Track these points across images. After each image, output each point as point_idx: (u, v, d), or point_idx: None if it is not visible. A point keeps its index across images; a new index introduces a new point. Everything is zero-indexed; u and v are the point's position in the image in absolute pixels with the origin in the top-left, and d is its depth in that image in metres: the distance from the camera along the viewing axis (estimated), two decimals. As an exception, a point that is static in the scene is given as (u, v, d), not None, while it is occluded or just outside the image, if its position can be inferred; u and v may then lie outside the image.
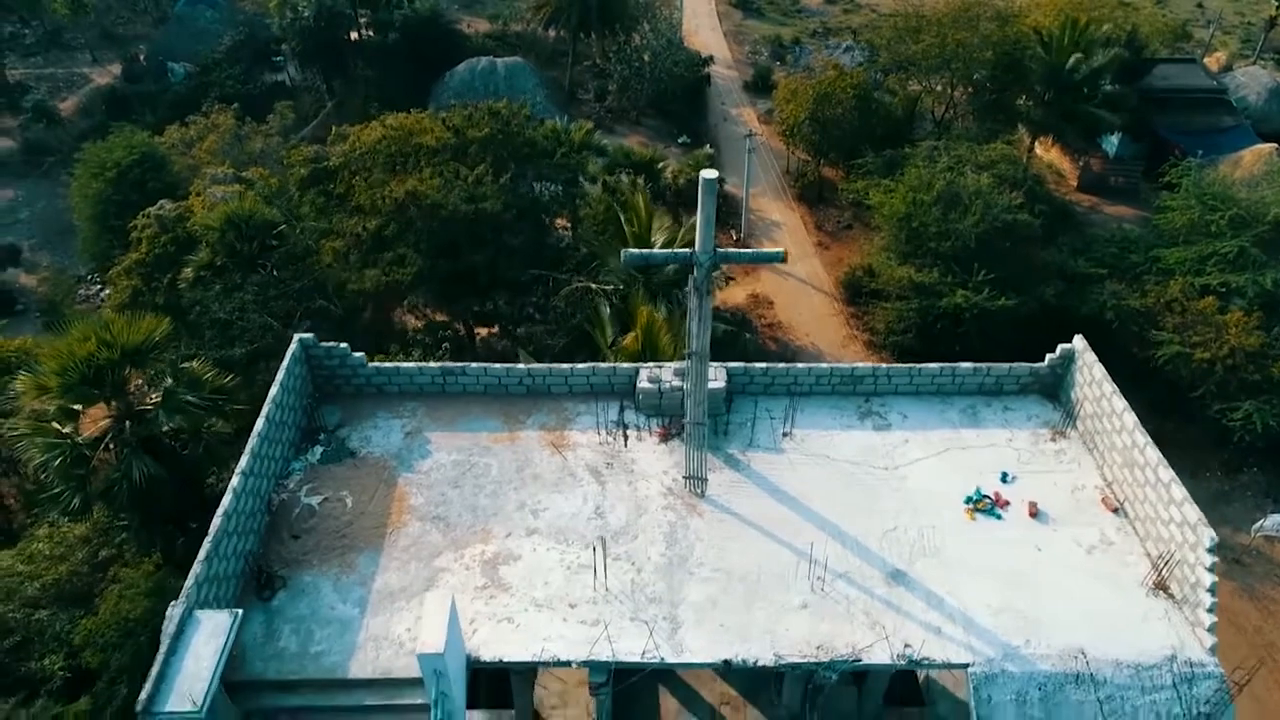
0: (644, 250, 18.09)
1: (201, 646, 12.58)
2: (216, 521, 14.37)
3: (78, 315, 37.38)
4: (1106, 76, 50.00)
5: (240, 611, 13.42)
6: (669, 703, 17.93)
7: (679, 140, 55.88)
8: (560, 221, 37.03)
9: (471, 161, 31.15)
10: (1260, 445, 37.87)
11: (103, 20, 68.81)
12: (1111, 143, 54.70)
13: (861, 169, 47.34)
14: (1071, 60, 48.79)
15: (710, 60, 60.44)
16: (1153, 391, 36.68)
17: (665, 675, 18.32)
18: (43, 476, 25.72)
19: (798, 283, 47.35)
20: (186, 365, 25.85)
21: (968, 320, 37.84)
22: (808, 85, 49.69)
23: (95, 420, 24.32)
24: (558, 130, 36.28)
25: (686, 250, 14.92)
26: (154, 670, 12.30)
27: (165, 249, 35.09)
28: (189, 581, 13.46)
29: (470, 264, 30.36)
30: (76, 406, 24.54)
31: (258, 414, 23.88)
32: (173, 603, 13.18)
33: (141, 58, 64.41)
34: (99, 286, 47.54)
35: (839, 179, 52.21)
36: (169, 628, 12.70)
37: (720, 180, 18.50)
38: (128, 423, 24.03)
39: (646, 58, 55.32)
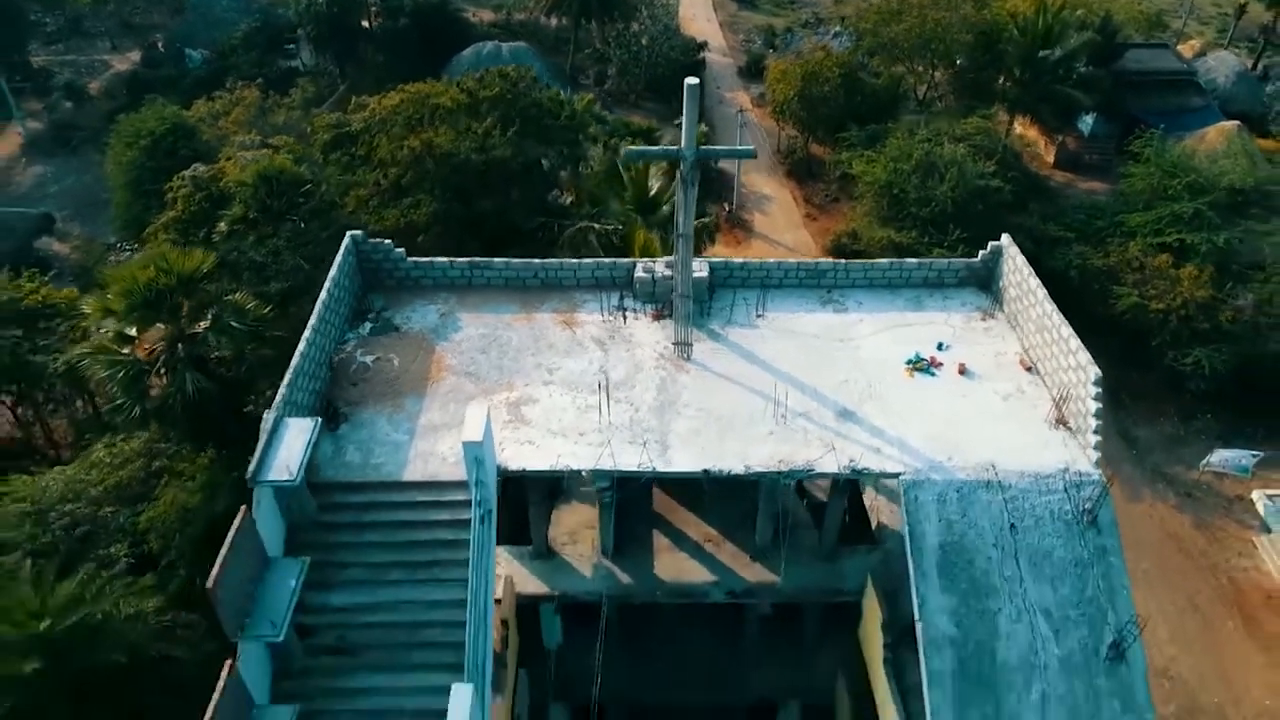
0: (642, 148, 22.09)
1: (292, 440, 16.46)
2: (294, 361, 18.28)
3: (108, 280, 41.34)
4: (1080, 59, 54.16)
5: (320, 419, 17.31)
6: (661, 541, 21.77)
7: (675, 122, 59.95)
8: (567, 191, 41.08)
9: (482, 118, 35.17)
10: (1211, 392, 41.98)
11: (121, 10, 73.11)
12: (1086, 122, 58.84)
13: (847, 143, 51.47)
14: (1045, 43, 52.82)
15: (705, 46, 64.69)
16: (1114, 344, 40.69)
17: (657, 520, 22.17)
18: (109, 389, 29.77)
19: (786, 251, 51.31)
20: (230, 296, 29.91)
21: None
22: (796, 65, 53.84)
23: (146, 346, 28.34)
24: (561, 98, 40.36)
25: (675, 147, 18.91)
26: (256, 455, 16.16)
27: (200, 206, 38.93)
28: (277, 399, 17.33)
29: (480, 210, 34.28)
30: (132, 332, 28.60)
31: (295, 343, 28.28)
32: (266, 412, 17.04)
33: (160, 44, 68.55)
34: (128, 253, 51.39)
35: (826, 155, 56.35)
36: (266, 429, 16.56)
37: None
38: (179, 345, 27.98)
39: (645, 41, 59.51)
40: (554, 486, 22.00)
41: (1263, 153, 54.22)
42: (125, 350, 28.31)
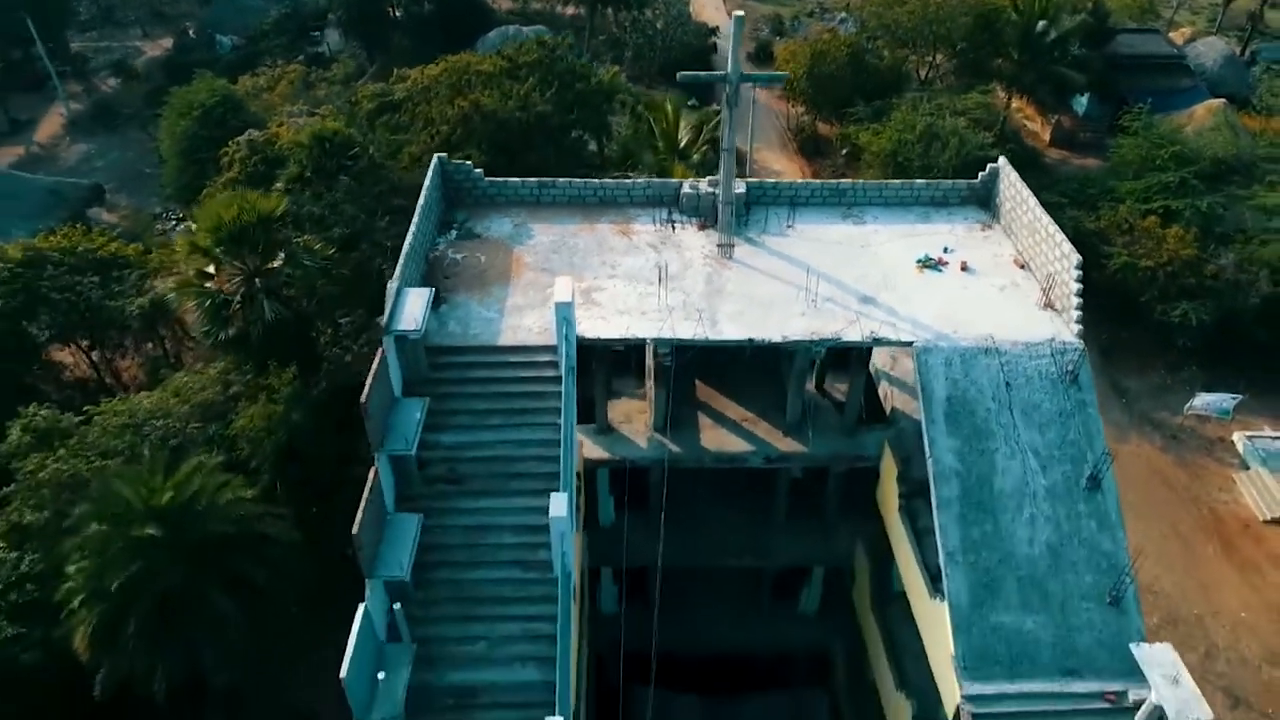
0: (694, 72, 25.95)
1: (413, 303, 20.34)
2: (404, 251, 22.12)
3: (157, 245, 45.19)
4: (1074, 41, 58.39)
5: (434, 289, 21.19)
6: (705, 420, 25.59)
7: (689, 103, 64.01)
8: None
9: (522, 81, 39.16)
10: (1197, 347, 45.93)
11: (152, -1, 77.34)
12: (1081, 102, 63.10)
13: (854, 117, 55.54)
14: (1040, 24, 56.98)
15: (716, 31, 68.79)
16: (1106, 304, 44.69)
17: (700, 405, 26.00)
18: (196, 319, 33.67)
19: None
20: (299, 239, 33.92)
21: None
22: (805, 46, 57.98)
23: (221, 280, 32.29)
24: (589, 68, 44.33)
25: (721, 72, 22.85)
26: (386, 313, 20.03)
27: (256, 167, 42.83)
28: (395, 276, 21.17)
29: (524, 163, 38.14)
30: (211, 270, 32.52)
31: (358, 282, 32.26)
32: (390, 283, 20.88)
33: (191, 31, 72.56)
34: (174, 222, 55.32)
35: (834, 134, 60.41)
36: (391, 296, 20.42)
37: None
38: (257, 279, 31.90)
39: (660, 25, 63.60)
40: (610, 375, 25.76)
41: (1247, 129, 58.37)
42: (209, 284, 32.33)
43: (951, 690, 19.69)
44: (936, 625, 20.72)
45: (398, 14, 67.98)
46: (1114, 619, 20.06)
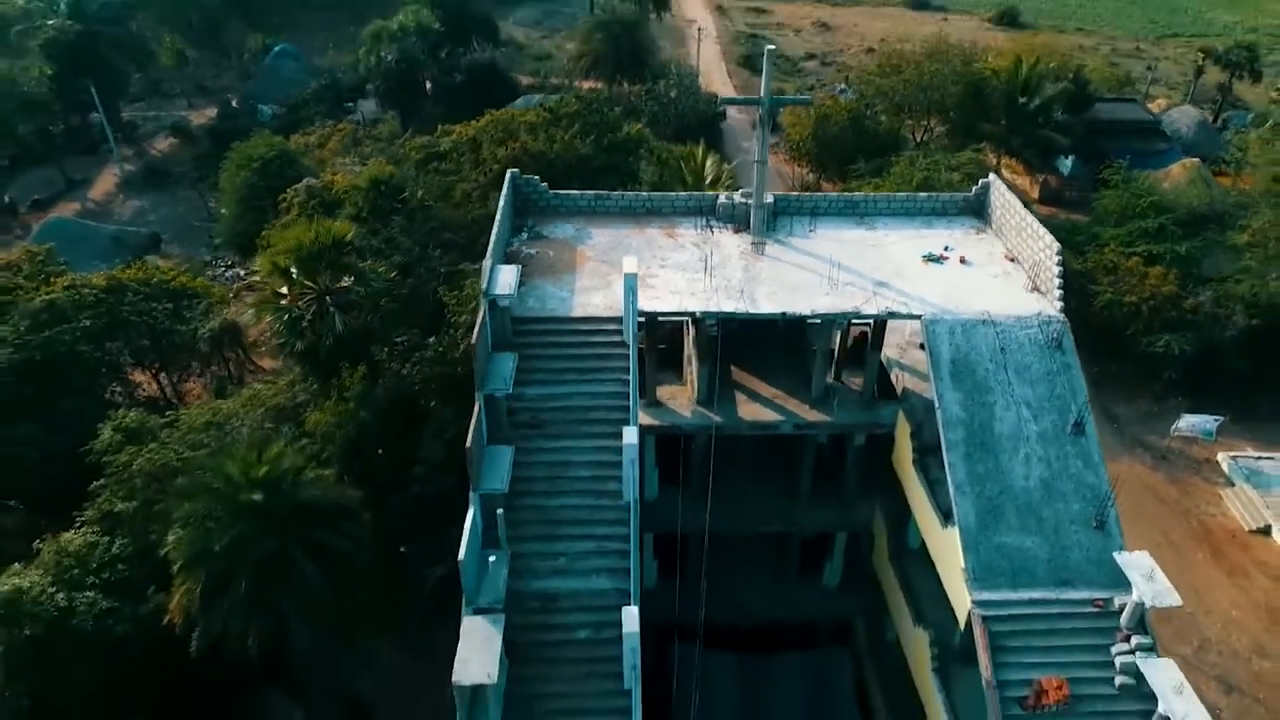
0: (730, 96, 31.04)
1: (505, 275, 24.81)
2: (492, 237, 26.59)
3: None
4: (1056, 108, 64.45)
5: (521, 266, 25.65)
6: (740, 396, 29.74)
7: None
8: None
9: (564, 129, 44.44)
10: (1179, 380, 50.33)
11: (196, 73, 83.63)
12: (1066, 164, 68.93)
13: (855, 173, 61.00)
14: (1024, 92, 63.13)
15: (721, 107, 75.02)
16: (1094, 340, 49.40)
17: (736, 385, 30.17)
18: (274, 330, 37.97)
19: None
20: (364, 263, 38.62)
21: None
22: (810, 112, 63.87)
23: (294, 301, 36.74)
24: (620, 121, 49.79)
25: (756, 97, 27.76)
26: (484, 282, 24.45)
27: (314, 210, 47.79)
28: (488, 256, 25.60)
29: (568, 199, 43.11)
30: (284, 290, 37.07)
31: (414, 301, 36.53)
32: (484, 261, 25.32)
33: (234, 102, 78.73)
34: (223, 268, 60.13)
35: (838, 190, 65.84)
36: (486, 271, 24.85)
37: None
38: (328, 296, 36.43)
39: (674, 94, 69.67)
40: (657, 360, 29.99)
41: (1220, 184, 64.01)
42: (284, 301, 36.86)
43: (963, 600, 23.47)
44: (949, 551, 24.57)
45: (429, 85, 74.19)
46: (1099, 540, 24.00)
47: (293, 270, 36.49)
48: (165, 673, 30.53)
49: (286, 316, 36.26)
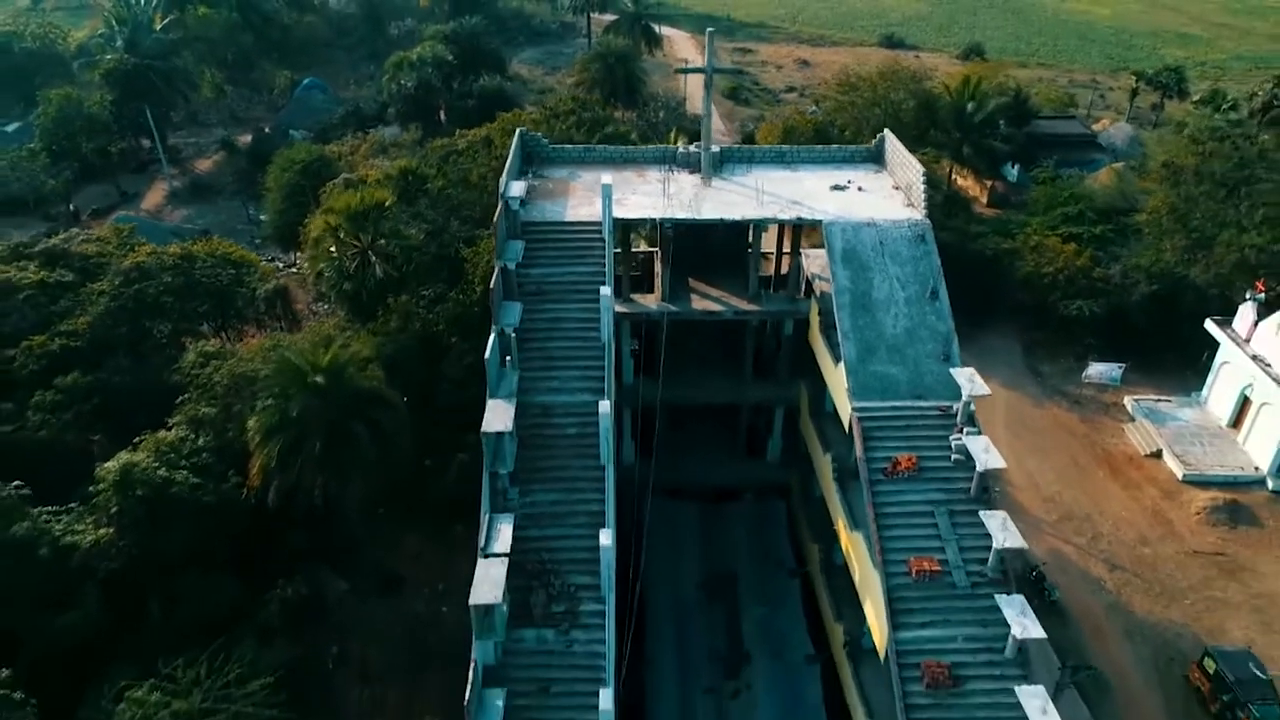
0: (686, 66, 42.15)
1: (516, 186, 35.76)
2: (505, 168, 37.53)
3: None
4: (999, 122, 76.06)
5: (527, 186, 36.58)
6: (694, 295, 40.48)
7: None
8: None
9: (563, 121, 55.87)
10: (1096, 344, 60.66)
11: (232, 105, 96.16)
12: (1012, 172, 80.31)
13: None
14: (969, 106, 74.73)
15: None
16: (1025, 314, 60.32)
17: (691, 288, 40.85)
18: (327, 277, 48.58)
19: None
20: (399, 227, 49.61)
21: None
22: (778, 124, 75.49)
23: (341, 254, 47.57)
24: (609, 118, 61.29)
25: (702, 66, 39.03)
26: (501, 187, 35.33)
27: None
28: (504, 179, 36.49)
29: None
30: (332, 249, 48.01)
31: (439, 262, 47.18)
32: (503, 176, 36.21)
33: (267, 128, 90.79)
34: (266, 260, 71.04)
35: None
36: (503, 184, 35.71)
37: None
38: (370, 251, 47.35)
39: (661, 115, 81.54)
40: (629, 273, 40.73)
41: (1140, 187, 75.33)
42: (333, 254, 47.81)
43: (847, 410, 33.83)
44: (839, 381, 34.95)
45: (444, 111, 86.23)
46: (945, 369, 34.38)
47: (341, 229, 47.57)
48: (240, 540, 39.70)
49: (337, 264, 47.22)
